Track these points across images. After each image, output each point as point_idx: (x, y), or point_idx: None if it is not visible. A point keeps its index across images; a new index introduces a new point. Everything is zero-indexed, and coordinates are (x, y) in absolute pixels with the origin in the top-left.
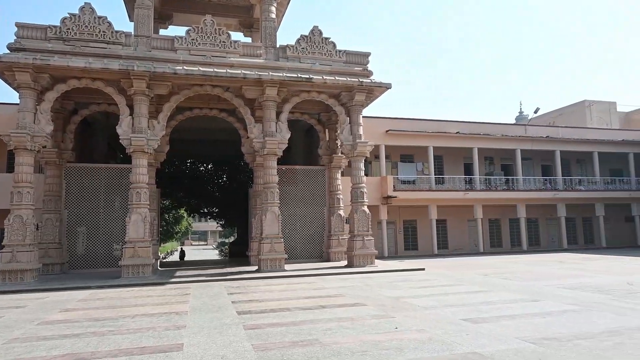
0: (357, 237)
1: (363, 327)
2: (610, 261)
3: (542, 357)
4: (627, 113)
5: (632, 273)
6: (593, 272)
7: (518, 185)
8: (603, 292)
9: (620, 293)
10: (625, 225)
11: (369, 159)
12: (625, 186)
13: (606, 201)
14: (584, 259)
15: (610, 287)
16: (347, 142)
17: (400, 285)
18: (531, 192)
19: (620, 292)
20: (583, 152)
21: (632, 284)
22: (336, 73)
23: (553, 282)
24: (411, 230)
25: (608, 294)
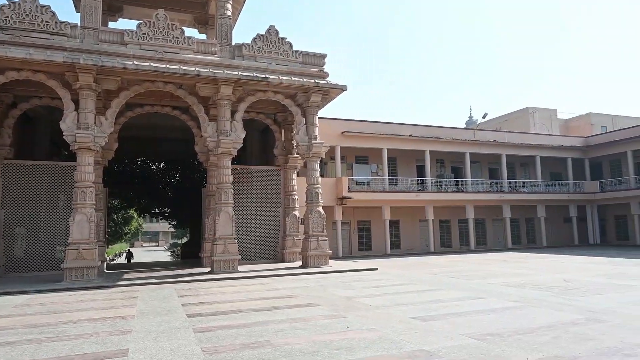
0: (312, 238)
1: (315, 328)
2: (549, 260)
3: (485, 352)
4: (566, 120)
5: (569, 271)
6: (534, 270)
7: (467, 187)
8: (543, 289)
9: (558, 290)
10: (564, 225)
11: (324, 160)
12: (564, 189)
13: (547, 203)
14: (527, 258)
15: (549, 284)
16: (303, 142)
17: (354, 285)
18: (479, 194)
19: (558, 289)
20: (527, 156)
21: (568, 281)
22: (292, 73)
23: (498, 280)
24: (365, 230)
25: (547, 290)
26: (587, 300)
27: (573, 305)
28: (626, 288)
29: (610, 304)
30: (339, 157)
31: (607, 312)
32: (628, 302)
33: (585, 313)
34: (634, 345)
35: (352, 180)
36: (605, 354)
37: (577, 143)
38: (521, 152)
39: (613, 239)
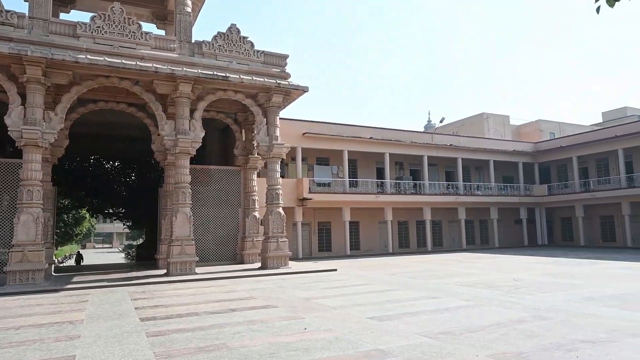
0: (272, 239)
1: (273, 329)
2: (501, 260)
3: (438, 350)
4: (518, 126)
5: (518, 270)
6: (486, 270)
7: (425, 190)
8: (493, 288)
9: (508, 289)
10: (514, 227)
11: (285, 160)
12: (515, 192)
13: (499, 205)
14: (480, 258)
15: (499, 283)
16: (264, 143)
17: (313, 286)
18: (436, 196)
19: (507, 288)
20: (481, 160)
21: (517, 280)
22: (254, 73)
23: (452, 280)
24: (325, 231)
25: (497, 289)
26: (534, 298)
27: (521, 304)
28: (570, 286)
29: (554, 302)
30: (299, 158)
31: (551, 310)
32: (571, 300)
33: (531, 311)
34: (575, 341)
35: (312, 182)
36: (548, 350)
37: (528, 148)
38: (476, 156)
39: (559, 239)
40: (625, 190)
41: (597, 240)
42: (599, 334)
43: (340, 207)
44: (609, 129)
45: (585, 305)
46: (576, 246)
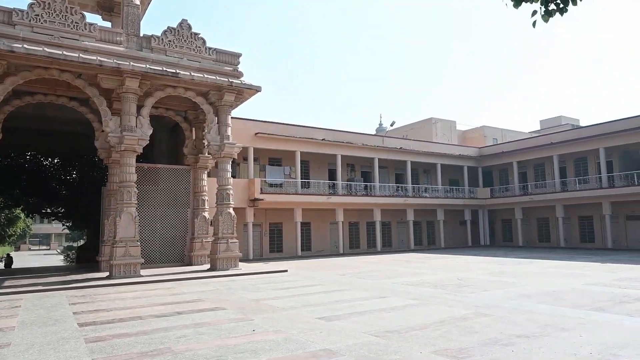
0: (222, 240)
1: (220, 332)
2: (446, 260)
3: (384, 348)
4: (464, 131)
5: (462, 270)
6: (432, 270)
7: (375, 191)
8: (439, 287)
9: (452, 288)
10: (459, 228)
11: (237, 160)
12: (460, 194)
13: (446, 207)
14: (427, 258)
15: (444, 282)
16: (215, 142)
17: (263, 287)
18: (386, 198)
19: (451, 286)
20: (429, 163)
21: (461, 279)
22: (205, 71)
23: (400, 279)
24: (277, 232)
25: (442, 288)
26: (476, 296)
27: (463, 302)
28: (508, 284)
29: (494, 300)
30: (251, 158)
31: (491, 307)
32: (509, 297)
33: (473, 308)
34: (512, 336)
35: (264, 182)
36: (487, 345)
37: (473, 153)
38: (424, 159)
39: (500, 240)
40: (559, 194)
41: (534, 240)
42: (533, 329)
43: (292, 208)
44: (546, 137)
45: (521, 302)
46: (515, 246)
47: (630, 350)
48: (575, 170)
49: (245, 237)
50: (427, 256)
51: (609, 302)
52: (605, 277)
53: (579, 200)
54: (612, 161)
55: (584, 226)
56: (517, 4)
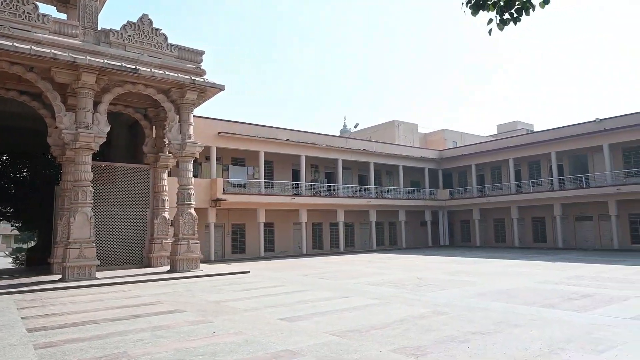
0: (182, 241)
1: (179, 334)
2: (407, 260)
3: (345, 347)
4: (425, 134)
5: (422, 269)
6: (394, 270)
7: (339, 192)
8: (399, 287)
9: (412, 287)
10: (420, 228)
11: (199, 160)
12: (421, 196)
13: (407, 208)
14: (388, 259)
15: (405, 282)
16: (176, 141)
17: (224, 289)
18: (349, 199)
19: (411, 286)
20: (391, 165)
21: (421, 279)
22: (167, 68)
23: (362, 279)
24: (239, 233)
25: (402, 288)
26: (434, 295)
27: (422, 301)
28: (465, 283)
29: (452, 298)
30: (214, 158)
31: (449, 305)
32: (466, 295)
33: (431, 307)
34: (467, 333)
35: (227, 182)
36: (444, 342)
37: (433, 155)
38: (387, 161)
39: (459, 240)
40: (514, 196)
41: (491, 240)
42: (488, 326)
43: (255, 209)
44: (502, 140)
45: (477, 301)
46: (473, 246)
47: (576, 344)
48: (529, 173)
49: (206, 238)
50: (388, 256)
51: (558, 299)
52: (555, 275)
53: (532, 202)
54: (563, 165)
55: (537, 227)
56: (474, 12)
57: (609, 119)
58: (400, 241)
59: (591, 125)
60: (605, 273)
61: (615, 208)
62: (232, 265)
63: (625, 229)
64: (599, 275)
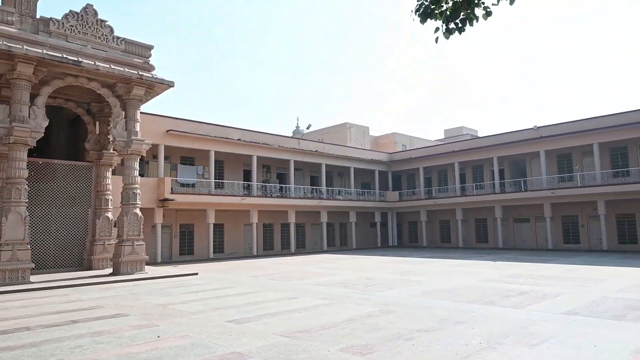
0: (127, 242)
1: (121, 340)
2: (357, 260)
3: (294, 348)
4: (376, 137)
5: (372, 269)
6: (344, 270)
7: (290, 193)
8: (348, 287)
9: (361, 287)
10: (370, 229)
11: (145, 158)
12: (371, 197)
13: (358, 209)
14: (339, 259)
15: (354, 282)
16: (121, 138)
17: (170, 291)
18: (301, 200)
19: (361, 286)
20: (343, 166)
21: (370, 279)
22: (112, 61)
23: (312, 280)
24: (188, 234)
25: (352, 288)
26: (382, 294)
27: (371, 300)
28: (412, 283)
29: (399, 297)
30: (162, 156)
31: (396, 304)
32: (412, 294)
33: (379, 306)
34: (413, 331)
35: (175, 182)
36: (391, 340)
37: (384, 158)
38: (339, 162)
39: (407, 241)
40: (459, 198)
41: (437, 241)
42: (432, 324)
43: (204, 209)
44: (448, 145)
45: (423, 299)
46: (420, 247)
47: (512, 339)
48: (473, 176)
49: (153, 239)
50: (339, 257)
51: (497, 297)
52: (495, 274)
53: (475, 205)
54: (504, 169)
55: (479, 228)
56: (423, 20)
57: (546, 127)
58: (350, 242)
59: (529, 133)
60: (540, 271)
61: (549, 210)
62: (179, 267)
63: (558, 230)
64: (534, 274)
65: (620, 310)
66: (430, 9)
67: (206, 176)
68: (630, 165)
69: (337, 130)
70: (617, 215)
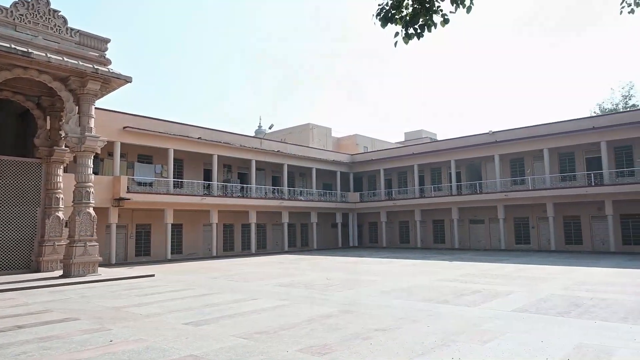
0: (79, 243)
1: (71, 345)
2: (317, 261)
3: (252, 350)
4: (338, 138)
5: (332, 270)
6: (304, 271)
7: (251, 193)
8: (309, 288)
9: (321, 287)
10: (331, 230)
11: (100, 156)
12: (333, 198)
13: (319, 210)
14: (300, 260)
15: (314, 282)
16: (74, 134)
17: (125, 294)
18: (262, 200)
19: (321, 286)
20: (305, 167)
21: (329, 279)
22: (65, 53)
23: (272, 281)
24: (145, 234)
25: (312, 288)
26: (342, 295)
27: (330, 300)
28: (371, 283)
29: (358, 297)
30: (118, 154)
31: (355, 304)
32: (371, 294)
33: (339, 306)
34: (371, 330)
35: (132, 180)
36: (349, 339)
37: (345, 159)
38: (301, 163)
39: (367, 242)
40: (417, 200)
41: (396, 242)
42: (389, 322)
43: (162, 209)
44: (408, 147)
45: (381, 299)
46: (380, 247)
47: (466, 336)
48: (432, 178)
49: (107, 239)
50: (300, 257)
51: (452, 296)
52: (451, 273)
53: (433, 206)
54: (461, 172)
55: (437, 229)
56: (383, 25)
57: (500, 132)
58: (311, 242)
59: (485, 137)
60: (492, 271)
61: (503, 212)
62: (135, 269)
63: (510, 231)
64: (487, 273)
65: (565, 307)
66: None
67: (165, 175)
68: (576, 170)
69: (299, 131)
70: (564, 217)
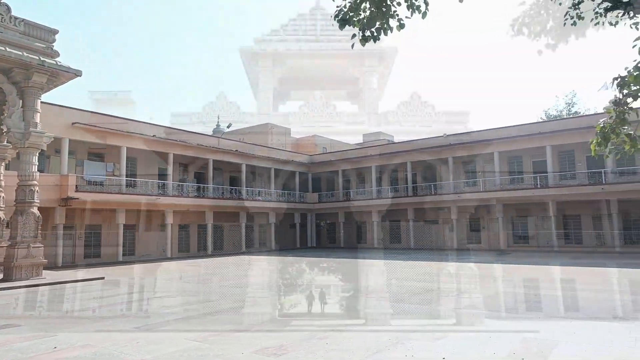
0: (21, 244)
1: (10, 353)
2: (275, 261)
3: (206, 352)
4: (297, 139)
5: (288, 271)
6: (261, 272)
7: (208, 193)
8: (266, 289)
9: (277, 288)
10: (289, 230)
11: (47, 152)
12: (292, 198)
13: (278, 210)
14: (257, 261)
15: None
16: (17, 129)
17: (72, 297)
18: (219, 200)
19: (277, 287)
20: (264, 167)
21: (287, 279)
22: (8, 43)
23: (228, 282)
24: (94, 236)
25: (270, 289)
26: (301, 295)
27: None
28: (329, 283)
29: (315, 298)
30: (66, 151)
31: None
32: (329, 294)
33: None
34: (328, 330)
35: (81, 179)
36: (305, 340)
37: (304, 160)
38: (260, 163)
39: (326, 242)
40: (375, 201)
41: (354, 242)
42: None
43: (114, 209)
44: (366, 149)
45: (340, 298)
46: (338, 247)
47: (420, 334)
48: (389, 180)
49: (53, 241)
50: (257, 258)
51: (406, 294)
52: (406, 273)
53: (390, 207)
54: (417, 174)
55: (394, 229)
56: (341, 26)
57: (454, 135)
58: (269, 243)
59: (440, 140)
60: (445, 270)
61: (456, 213)
62: (83, 271)
63: (463, 231)
64: (440, 272)
65: (512, 303)
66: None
67: (117, 174)
68: (524, 172)
69: (259, 131)
70: (512, 217)
